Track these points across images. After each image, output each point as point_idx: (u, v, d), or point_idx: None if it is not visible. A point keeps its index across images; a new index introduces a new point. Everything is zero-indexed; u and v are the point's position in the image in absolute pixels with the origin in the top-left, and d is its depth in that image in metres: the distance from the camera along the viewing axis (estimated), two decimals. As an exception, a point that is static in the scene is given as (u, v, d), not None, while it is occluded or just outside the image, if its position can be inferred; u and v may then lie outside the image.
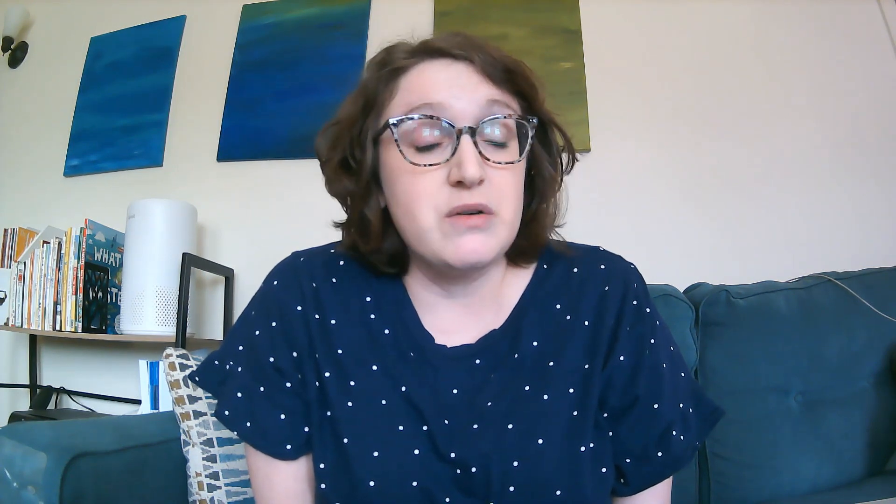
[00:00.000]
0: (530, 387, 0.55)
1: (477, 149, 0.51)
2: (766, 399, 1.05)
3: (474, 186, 0.50)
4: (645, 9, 1.69)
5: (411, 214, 0.53)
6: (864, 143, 1.49)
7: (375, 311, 0.60)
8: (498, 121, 0.53)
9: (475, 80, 0.53)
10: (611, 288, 0.60)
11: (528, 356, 0.57)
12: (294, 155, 1.76)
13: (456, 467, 0.52)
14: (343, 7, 1.86)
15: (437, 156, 0.52)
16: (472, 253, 0.51)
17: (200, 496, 0.89)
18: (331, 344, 0.57)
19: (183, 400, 0.93)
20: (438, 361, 0.57)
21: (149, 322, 1.49)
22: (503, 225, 0.53)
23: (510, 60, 0.55)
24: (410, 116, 0.52)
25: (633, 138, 1.61)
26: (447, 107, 0.51)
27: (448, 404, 0.55)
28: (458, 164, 0.50)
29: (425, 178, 0.52)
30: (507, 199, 0.53)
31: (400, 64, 0.54)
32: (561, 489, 0.51)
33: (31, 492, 0.71)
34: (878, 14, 1.56)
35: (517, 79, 0.55)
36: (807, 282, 1.14)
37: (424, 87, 0.53)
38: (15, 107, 2.15)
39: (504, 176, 0.53)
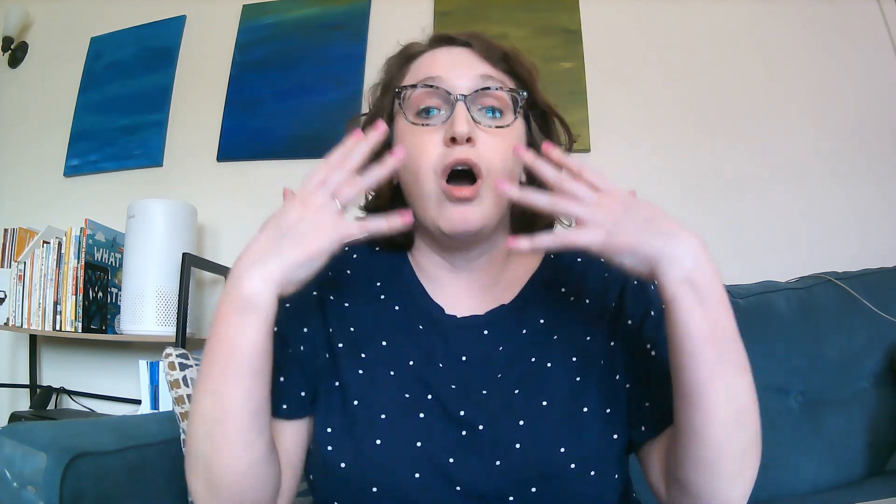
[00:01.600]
0: (536, 358, 0.60)
1: (470, 114, 0.58)
2: (766, 399, 1.03)
3: (464, 143, 0.57)
4: (645, 9, 1.69)
5: (415, 175, 0.59)
6: (864, 143, 1.49)
7: (385, 292, 0.65)
8: (490, 91, 0.60)
9: (473, 60, 0.61)
10: (611, 275, 0.64)
11: (534, 331, 0.62)
12: (294, 155, 1.76)
13: (462, 428, 0.55)
14: (343, 7, 1.86)
15: (436, 120, 0.60)
16: (462, 222, 0.57)
17: (200, 496, 0.89)
18: (344, 322, 0.62)
19: (183, 399, 0.93)
20: (448, 330, 0.62)
21: (149, 322, 1.49)
22: (490, 193, 0.58)
23: (508, 46, 0.63)
24: (413, 85, 0.61)
25: (633, 138, 1.61)
26: (446, 79, 0.59)
27: (457, 370, 0.59)
28: (451, 123, 0.57)
29: (425, 138, 0.59)
30: (497, 161, 0.58)
31: (413, 51, 0.65)
32: (565, 446, 0.53)
33: (31, 492, 0.71)
34: (878, 14, 1.56)
35: (512, 62, 0.63)
36: (807, 282, 1.14)
37: (429, 66, 0.62)
38: (15, 107, 2.15)
39: (495, 140, 0.59)
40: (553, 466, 0.53)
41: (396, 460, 0.54)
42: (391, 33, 1.89)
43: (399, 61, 0.65)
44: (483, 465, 0.54)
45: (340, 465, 0.54)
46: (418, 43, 0.66)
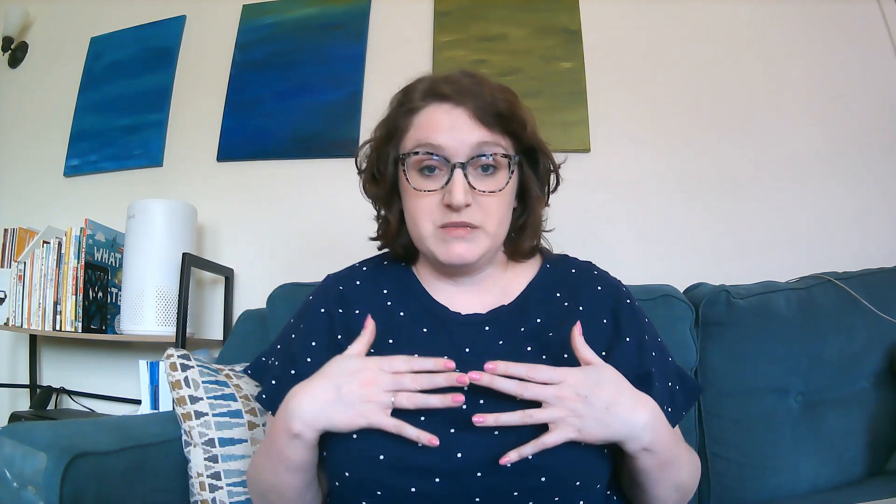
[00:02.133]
0: (531, 348, 0.68)
1: (467, 179, 0.66)
2: (766, 399, 1.05)
3: (462, 209, 0.66)
4: (645, 9, 1.69)
5: (415, 224, 0.70)
6: (864, 143, 1.49)
7: (391, 298, 0.74)
8: (484, 157, 0.68)
9: (470, 124, 0.68)
10: (603, 288, 0.74)
11: (531, 329, 0.70)
12: (294, 155, 1.76)
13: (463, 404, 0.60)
14: (343, 7, 1.86)
15: (436, 182, 0.68)
16: (459, 257, 0.68)
17: (202, 496, 0.89)
18: (354, 328, 0.70)
19: (184, 400, 0.93)
20: (452, 326, 0.71)
21: (149, 322, 1.49)
22: (486, 236, 0.69)
23: (502, 103, 0.69)
24: (416, 151, 0.68)
25: (633, 138, 1.61)
26: (445, 147, 0.67)
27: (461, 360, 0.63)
28: (450, 192, 0.66)
29: (425, 200, 0.69)
30: (491, 217, 0.68)
31: (414, 105, 0.71)
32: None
33: (31, 492, 0.71)
34: (878, 14, 1.56)
35: (506, 121, 0.69)
36: (807, 282, 1.14)
37: (429, 128, 0.68)
38: (15, 107, 2.15)
39: (489, 200, 0.68)
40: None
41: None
42: (391, 33, 1.90)
43: (401, 112, 0.72)
44: (483, 434, 0.59)
45: (352, 436, 0.60)
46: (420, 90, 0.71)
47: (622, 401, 0.59)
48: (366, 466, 0.60)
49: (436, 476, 0.59)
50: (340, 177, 1.70)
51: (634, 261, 1.52)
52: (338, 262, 0.87)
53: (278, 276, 1.39)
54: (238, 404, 0.95)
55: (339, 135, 1.73)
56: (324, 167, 1.73)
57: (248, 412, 0.95)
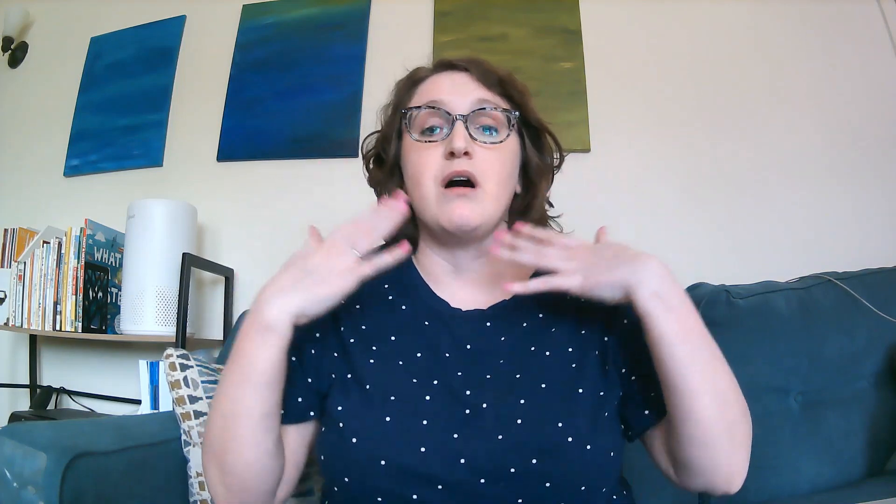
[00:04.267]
0: (535, 348, 0.66)
1: (468, 132, 0.67)
2: (766, 399, 1.05)
3: (462, 157, 0.65)
4: (645, 9, 1.69)
5: (417, 182, 0.68)
6: (864, 143, 1.49)
7: (393, 293, 0.73)
8: (485, 111, 0.69)
9: (472, 85, 0.70)
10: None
11: (533, 324, 0.69)
12: (294, 155, 1.76)
13: (467, 407, 0.61)
14: (343, 7, 1.86)
15: (438, 137, 0.69)
16: (460, 217, 0.65)
17: (202, 496, 0.89)
18: (356, 321, 0.69)
19: (184, 400, 0.93)
20: (454, 322, 0.69)
21: (149, 322, 1.49)
22: (488, 197, 0.67)
23: (503, 71, 0.72)
24: (418, 106, 0.70)
25: (633, 138, 1.61)
26: (447, 102, 0.69)
27: (463, 358, 0.65)
28: (450, 140, 0.66)
29: (427, 153, 0.68)
30: (492, 173, 0.67)
31: (419, 76, 0.74)
32: (562, 422, 0.59)
33: (31, 492, 0.71)
34: (878, 14, 1.56)
35: (507, 86, 0.71)
36: (807, 282, 1.14)
37: (432, 90, 0.71)
38: (15, 107, 2.14)
39: (490, 155, 0.68)
40: (551, 439, 0.58)
41: (404, 435, 0.59)
42: (391, 33, 1.90)
43: (406, 85, 0.75)
44: (486, 439, 0.58)
45: (352, 440, 0.59)
46: (424, 68, 0.75)
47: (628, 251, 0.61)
48: (366, 472, 0.58)
49: (438, 483, 0.57)
50: (340, 177, 1.70)
51: (634, 261, 1.52)
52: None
53: (278, 276, 1.39)
54: (238, 404, 0.95)
55: (339, 135, 1.73)
56: (324, 167, 1.73)
57: (248, 412, 0.95)
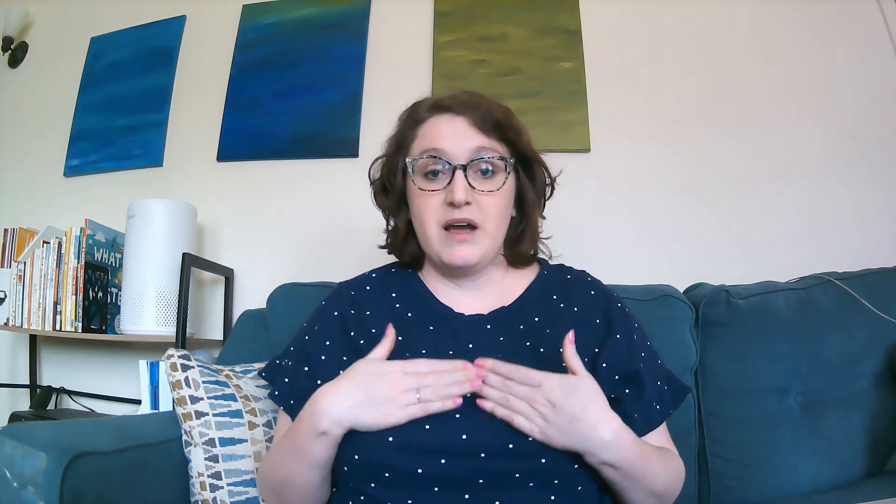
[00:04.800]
0: (531, 343, 0.73)
1: (467, 180, 0.73)
2: (766, 399, 1.05)
3: (463, 206, 0.73)
4: (645, 8, 1.69)
5: (421, 224, 0.77)
6: (864, 143, 1.49)
7: (400, 301, 0.80)
8: (483, 160, 0.75)
9: (470, 131, 0.75)
10: (596, 293, 0.80)
11: (530, 327, 0.75)
12: (294, 155, 1.76)
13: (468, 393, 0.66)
14: (343, 7, 1.86)
15: (439, 184, 0.75)
16: (461, 259, 0.74)
17: (203, 496, 0.89)
18: (366, 327, 0.77)
19: (185, 400, 0.93)
20: (457, 324, 0.76)
21: (149, 322, 1.49)
22: (486, 237, 0.75)
23: (499, 113, 0.77)
24: (421, 156, 0.76)
25: (633, 138, 1.61)
26: (447, 151, 0.75)
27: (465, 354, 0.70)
28: (451, 190, 0.73)
29: (430, 200, 0.75)
30: (491, 216, 0.75)
31: (420, 117, 0.79)
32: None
33: (31, 492, 0.71)
34: (878, 14, 1.56)
35: (503, 128, 0.77)
36: (807, 282, 1.14)
37: (433, 136, 0.76)
38: (15, 107, 2.14)
39: (489, 200, 0.75)
40: None
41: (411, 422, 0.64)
42: (391, 33, 1.90)
43: (408, 123, 0.81)
44: (487, 419, 0.64)
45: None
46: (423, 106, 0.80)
47: (587, 416, 0.62)
48: (375, 448, 0.64)
49: (442, 457, 0.62)
50: (340, 177, 1.70)
51: (634, 261, 1.52)
52: (338, 262, 0.88)
53: (278, 276, 1.39)
54: (238, 404, 0.95)
55: (339, 135, 1.73)
56: (324, 167, 1.73)
57: (248, 412, 0.95)
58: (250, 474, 0.91)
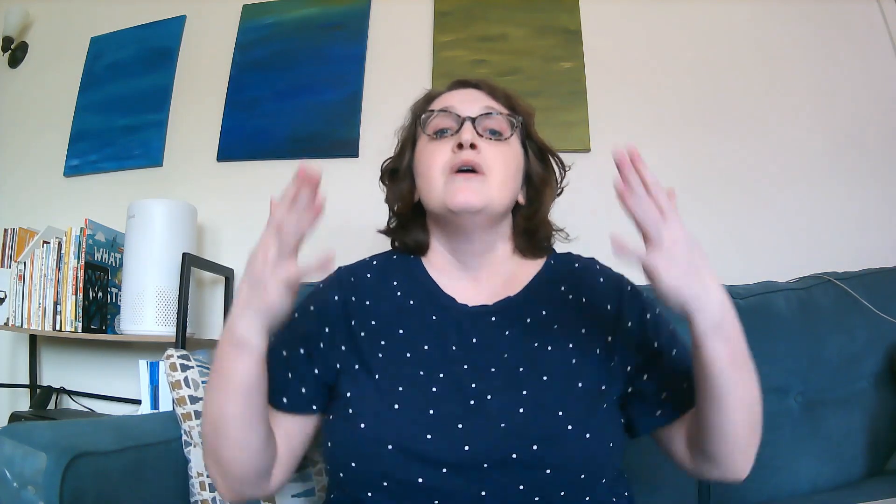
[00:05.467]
0: (538, 343, 0.69)
1: (475, 130, 0.72)
2: (766, 399, 1.03)
3: (468, 149, 0.70)
4: (645, 8, 1.69)
5: (427, 175, 0.73)
6: (864, 143, 1.49)
7: (402, 289, 0.76)
8: (492, 116, 0.74)
9: (480, 96, 0.77)
10: (605, 280, 0.75)
11: (537, 320, 0.71)
12: (294, 155, 1.76)
13: (472, 398, 0.64)
14: (343, 7, 1.86)
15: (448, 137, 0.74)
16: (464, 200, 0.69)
17: (202, 496, 0.89)
18: (366, 316, 0.72)
19: (184, 400, 0.93)
20: (460, 317, 0.72)
21: (149, 322, 1.49)
22: (493, 184, 0.71)
23: (510, 91, 0.79)
24: (431, 111, 0.76)
25: (634, 138, 1.60)
26: (457, 107, 0.75)
27: (468, 351, 0.68)
28: (458, 135, 0.72)
29: (437, 149, 0.73)
30: (496, 165, 0.72)
31: (434, 93, 0.81)
32: (563, 411, 0.62)
33: (31, 492, 0.71)
34: (878, 14, 1.56)
35: (513, 101, 0.78)
36: (807, 282, 1.14)
37: (445, 101, 0.77)
38: (15, 107, 2.14)
39: (495, 150, 0.73)
40: (552, 427, 0.61)
41: (411, 422, 0.62)
42: (391, 33, 1.90)
43: (422, 101, 0.82)
44: (489, 427, 0.61)
45: (360, 425, 0.62)
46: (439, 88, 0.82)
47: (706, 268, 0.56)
48: (373, 456, 0.61)
49: (443, 467, 0.59)
50: (340, 177, 1.70)
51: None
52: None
53: (278, 276, 1.39)
54: (238, 404, 0.95)
55: (339, 135, 1.73)
56: (324, 167, 1.71)
57: (248, 412, 0.95)
58: (250, 474, 0.91)
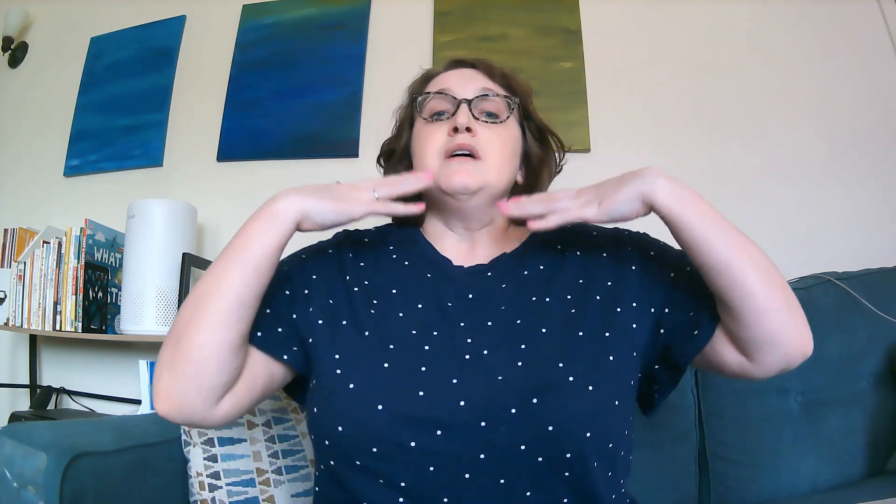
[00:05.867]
0: (536, 297, 0.67)
1: (471, 113, 0.72)
2: (766, 399, 1.05)
3: (465, 133, 0.70)
4: (645, 8, 1.69)
5: (423, 157, 0.73)
6: (864, 143, 1.49)
7: (397, 252, 0.76)
8: (488, 97, 0.74)
9: (477, 76, 0.77)
10: (599, 233, 0.75)
11: (533, 273, 0.71)
12: (294, 155, 1.76)
13: (468, 353, 0.62)
14: (343, 7, 1.86)
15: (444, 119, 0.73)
16: (461, 182, 0.69)
17: (202, 496, 0.89)
18: (360, 275, 0.71)
19: (183, 400, 0.92)
20: (456, 276, 0.71)
21: (149, 322, 1.49)
22: (489, 167, 0.71)
23: (507, 70, 0.78)
24: (428, 92, 0.76)
25: (633, 138, 1.61)
26: (454, 89, 0.74)
27: (465, 307, 0.67)
28: (454, 118, 0.71)
29: (433, 131, 0.73)
30: (493, 148, 0.72)
31: (431, 73, 0.81)
32: (563, 362, 0.60)
33: (31, 492, 0.71)
34: (878, 14, 1.56)
35: (510, 80, 0.77)
36: (807, 282, 1.14)
37: (442, 82, 0.77)
38: (15, 107, 2.14)
39: (492, 133, 0.72)
40: (552, 378, 0.58)
41: (402, 380, 0.59)
42: (391, 33, 1.89)
43: (419, 81, 0.81)
44: (486, 380, 0.59)
45: (349, 385, 0.60)
46: (436, 68, 0.82)
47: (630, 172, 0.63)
48: (363, 418, 0.57)
49: (437, 428, 0.56)
50: (340, 177, 1.69)
51: (634, 261, 1.52)
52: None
53: (278, 276, 1.39)
54: (238, 404, 0.95)
55: (339, 135, 1.73)
56: (324, 167, 1.73)
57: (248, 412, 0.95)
58: (249, 474, 0.91)
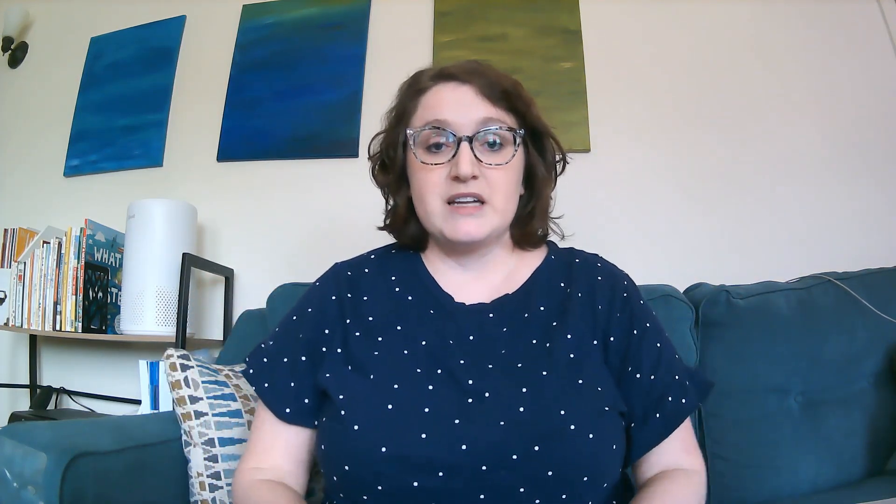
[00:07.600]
0: (537, 340, 0.67)
1: (473, 153, 0.67)
2: (766, 399, 1.05)
3: (469, 181, 0.67)
4: (645, 8, 1.69)
5: (423, 201, 0.70)
6: (864, 143, 1.49)
7: (400, 284, 0.75)
8: (490, 131, 0.68)
9: (476, 100, 0.69)
10: (603, 279, 0.74)
11: (536, 317, 0.70)
12: (294, 155, 1.76)
13: (469, 396, 0.62)
14: (343, 7, 1.86)
15: (443, 157, 0.68)
16: (466, 234, 0.68)
17: (202, 496, 0.89)
18: (362, 313, 0.71)
19: (184, 400, 0.93)
20: (458, 314, 0.71)
21: (149, 322, 1.49)
22: (494, 212, 0.69)
23: (507, 83, 0.71)
24: (423, 128, 0.69)
25: (633, 138, 1.61)
26: (451, 122, 0.68)
27: (466, 347, 0.67)
28: (456, 163, 0.66)
29: (432, 174, 0.69)
30: (499, 191, 0.69)
31: (422, 86, 0.73)
32: (565, 409, 0.60)
33: (31, 492, 0.71)
34: (878, 14, 1.56)
35: (511, 98, 0.71)
36: (807, 282, 1.14)
37: (436, 106, 0.70)
38: (15, 107, 2.15)
39: (497, 174, 0.69)
40: (554, 426, 0.58)
41: (405, 422, 0.60)
42: (391, 33, 1.90)
43: (409, 94, 0.74)
44: (488, 425, 0.59)
45: (354, 427, 0.60)
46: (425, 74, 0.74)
47: None
48: (366, 459, 0.58)
49: (439, 470, 0.57)
50: (340, 177, 1.70)
51: (634, 261, 1.51)
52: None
53: (278, 276, 1.39)
54: (238, 404, 0.95)
55: (339, 135, 1.73)
56: (324, 167, 1.73)
57: (248, 412, 0.95)
58: (250, 474, 0.91)
